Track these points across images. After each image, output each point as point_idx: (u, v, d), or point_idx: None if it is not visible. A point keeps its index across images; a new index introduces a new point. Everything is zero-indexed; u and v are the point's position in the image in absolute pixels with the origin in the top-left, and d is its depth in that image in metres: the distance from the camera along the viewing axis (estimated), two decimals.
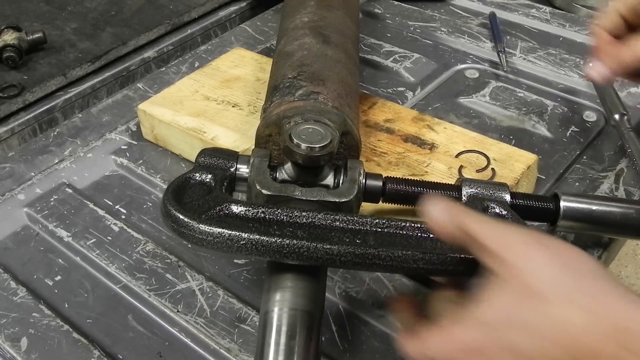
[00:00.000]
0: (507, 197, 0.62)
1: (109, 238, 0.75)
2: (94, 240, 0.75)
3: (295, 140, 0.61)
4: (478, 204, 0.61)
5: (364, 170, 0.63)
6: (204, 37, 1.16)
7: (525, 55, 1.04)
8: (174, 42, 1.12)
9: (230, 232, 0.53)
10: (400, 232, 0.57)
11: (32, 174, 0.85)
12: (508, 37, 1.09)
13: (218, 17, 1.19)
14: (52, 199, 0.80)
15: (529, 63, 1.03)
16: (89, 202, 0.80)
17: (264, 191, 0.60)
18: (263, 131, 0.69)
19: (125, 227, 0.76)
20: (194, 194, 0.60)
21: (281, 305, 0.53)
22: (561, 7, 1.20)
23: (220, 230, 0.53)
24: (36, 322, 0.66)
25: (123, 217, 0.78)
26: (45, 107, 0.97)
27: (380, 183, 0.64)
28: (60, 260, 0.73)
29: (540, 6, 1.19)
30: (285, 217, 0.56)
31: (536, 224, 0.70)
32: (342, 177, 0.63)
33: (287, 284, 0.54)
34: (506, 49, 1.05)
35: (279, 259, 0.53)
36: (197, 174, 0.61)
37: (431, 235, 0.56)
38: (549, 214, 0.65)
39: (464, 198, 0.63)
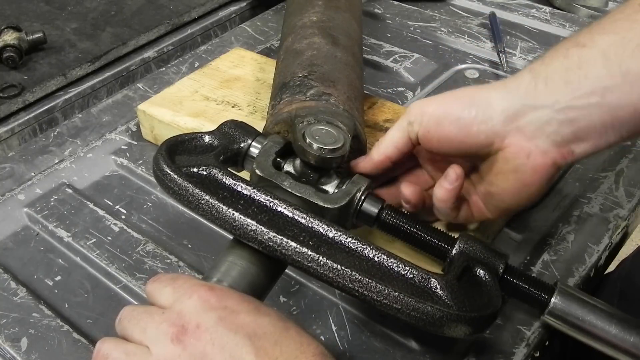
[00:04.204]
0: (500, 268, 0.59)
1: (109, 238, 0.75)
2: (94, 240, 0.75)
3: (308, 140, 0.61)
4: (463, 261, 0.58)
5: (365, 188, 0.62)
6: (204, 37, 1.16)
7: (526, 55, 1.04)
8: (174, 42, 1.12)
9: (195, 189, 0.56)
10: (362, 252, 0.56)
11: (32, 174, 0.85)
12: (508, 37, 1.09)
13: (218, 17, 1.19)
14: (52, 199, 0.80)
15: (529, 63, 1.03)
16: (89, 202, 0.80)
17: (257, 171, 0.62)
18: (272, 128, 0.68)
19: (125, 227, 0.76)
20: (193, 150, 0.63)
21: (221, 278, 0.54)
22: (561, 7, 1.20)
23: (187, 184, 0.56)
24: (36, 322, 0.66)
25: (123, 217, 0.78)
26: (45, 107, 0.97)
27: (376, 209, 0.62)
28: (60, 260, 0.73)
29: (540, 6, 1.19)
30: (256, 197, 0.58)
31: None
32: (343, 187, 0.62)
33: (238, 262, 0.55)
34: (506, 49, 1.05)
35: (228, 230, 0.55)
36: (208, 136, 0.64)
37: (393, 267, 0.55)
38: (537, 303, 0.60)
39: (454, 251, 0.59)
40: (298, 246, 0.53)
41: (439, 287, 0.55)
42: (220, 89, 0.90)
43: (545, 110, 0.55)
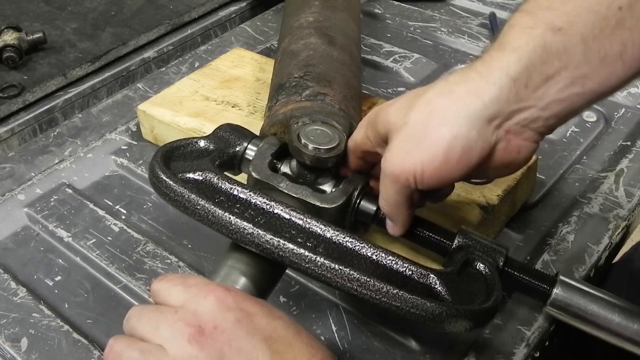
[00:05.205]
0: (500, 261, 0.58)
1: (109, 238, 0.75)
2: (94, 240, 0.75)
3: (303, 141, 0.61)
4: (463, 255, 0.58)
5: (362, 187, 0.62)
6: (204, 37, 1.16)
7: None
8: (174, 42, 1.12)
9: (191, 194, 0.56)
10: (359, 251, 0.56)
11: (32, 174, 0.85)
12: None
13: (218, 17, 1.19)
14: (52, 199, 0.80)
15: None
16: (89, 203, 0.80)
17: (253, 174, 0.62)
18: (268, 130, 0.68)
19: (125, 227, 0.76)
20: (189, 156, 0.63)
21: (221, 282, 0.54)
22: None
23: (183, 190, 0.56)
24: (36, 322, 0.66)
25: (123, 217, 0.78)
26: (45, 107, 0.97)
27: (374, 206, 0.61)
28: (60, 260, 0.73)
29: None
30: (252, 200, 0.58)
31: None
32: (340, 186, 0.62)
33: (237, 266, 0.55)
34: None
35: (226, 235, 0.55)
36: (203, 141, 0.64)
37: (391, 265, 0.55)
38: (539, 294, 0.59)
39: (453, 246, 0.59)
40: (295, 248, 0.53)
41: (438, 283, 0.55)
42: (220, 89, 0.90)
43: (531, 110, 0.54)
